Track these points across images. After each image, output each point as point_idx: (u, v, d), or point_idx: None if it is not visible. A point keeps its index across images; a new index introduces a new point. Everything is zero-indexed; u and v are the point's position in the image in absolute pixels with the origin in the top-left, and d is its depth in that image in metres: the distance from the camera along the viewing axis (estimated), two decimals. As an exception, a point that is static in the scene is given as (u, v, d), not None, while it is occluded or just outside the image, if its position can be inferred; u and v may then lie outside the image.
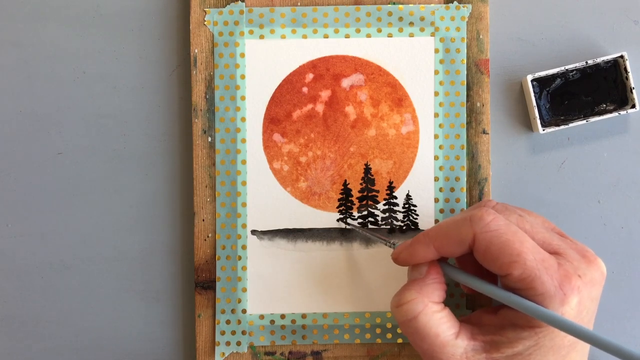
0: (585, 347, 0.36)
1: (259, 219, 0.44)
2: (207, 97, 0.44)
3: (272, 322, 0.44)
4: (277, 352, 0.44)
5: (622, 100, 0.44)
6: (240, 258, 0.44)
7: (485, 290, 0.36)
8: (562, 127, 0.43)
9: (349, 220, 0.44)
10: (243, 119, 0.44)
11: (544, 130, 0.43)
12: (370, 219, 0.44)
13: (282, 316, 0.44)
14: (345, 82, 0.44)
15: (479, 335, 0.36)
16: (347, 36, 0.44)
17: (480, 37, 0.44)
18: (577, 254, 0.36)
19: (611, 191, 0.45)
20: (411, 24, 0.44)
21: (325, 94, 0.44)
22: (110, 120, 0.45)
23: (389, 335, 0.44)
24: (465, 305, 0.44)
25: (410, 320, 0.36)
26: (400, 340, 0.44)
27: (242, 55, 0.44)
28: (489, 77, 0.44)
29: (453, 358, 0.35)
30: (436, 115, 0.44)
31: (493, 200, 0.39)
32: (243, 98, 0.44)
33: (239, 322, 0.44)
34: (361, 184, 0.44)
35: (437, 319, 0.36)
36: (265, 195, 0.44)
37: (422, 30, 0.44)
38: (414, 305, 0.36)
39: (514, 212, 0.37)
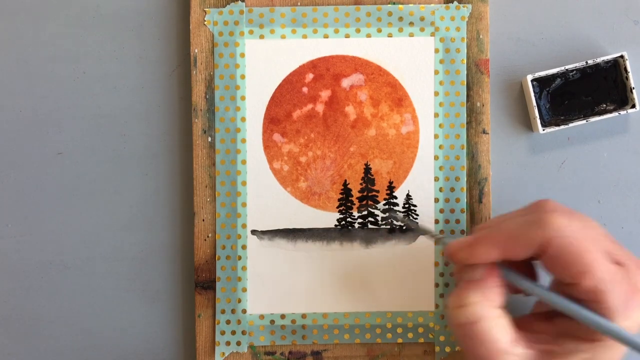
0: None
1: (259, 219, 0.44)
2: (207, 97, 0.44)
3: (272, 322, 0.44)
4: (277, 352, 0.44)
5: (622, 100, 0.44)
6: (240, 258, 0.44)
7: (551, 300, 0.34)
8: (562, 127, 0.43)
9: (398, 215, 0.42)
10: (243, 119, 0.44)
11: (544, 130, 0.43)
12: (370, 218, 0.44)
13: (282, 316, 0.44)
14: (345, 82, 0.44)
15: (534, 343, 0.35)
16: (347, 36, 0.44)
17: (480, 37, 0.44)
18: (636, 266, 0.35)
19: (611, 191, 0.45)
20: (411, 24, 0.44)
21: (325, 94, 0.44)
22: (110, 120, 0.45)
23: (389, 335, 0.44)
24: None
25: (472, 324, 0.34)
26: (400, 340, 0.44)
27: (242, 55, 0.44)
28: (489, 77, 0.44)
29: None
30: (436, 115, 0.44)
31: (552, 201, 0.37)
32: (243, 98, 0.44)
33: (239, 322, 0.44)
34: (361, 184, 0.44)
35: (498, 325, 0.34)
36: (265, 195, 0.44)
37: (422, 30, 0.44)
38: (477, 308, 0.34)
39: (578, 218, 0.36)
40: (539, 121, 0.43)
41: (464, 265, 0.37)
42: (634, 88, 0.43)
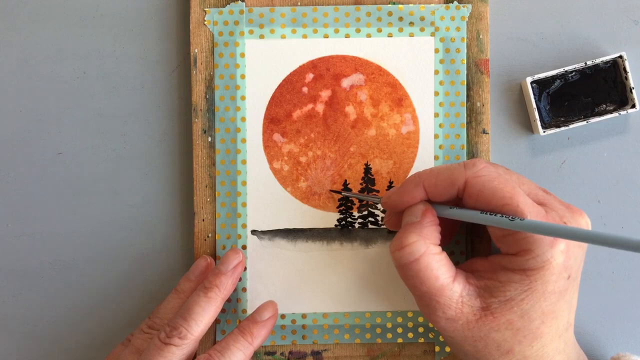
0: (573, 295, 0.37)
1: (259, 219, 0.44)
2: (207, 97, 0.44)
3: (272, 322, 0.44)
4: (277, 352, 0.44)
5: (622, 100, 0.44)
6: (240, 258, 0.44)
7: (479, 218, 0.36)
8: (562, 128, 0.43)
9: (342, 192, 0.44)
10: (243, 119, 0.44)
11: (544, 132, 0.43)
12: (370, 218, 0.44)
13: (282, 316, 0.44)
14: (345, 82, 0.44)
15: (472, 279, 0.37)
16: (347, 36, 0.44)
17: (480, 37, 0.44)
18: (561, 205, 0.37)
19: (611, 191, 0.45)
20: (411, 23, 0.44)
21: (325, 94, 0.44)
22: (110, 120, 0.45)
23: (389, 335, 0.44)
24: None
25: (412, 263, 0.36)
26: (400, 340, 0.44)
27: (242, 55, 0.44)
28: (489, 77, 0.44)
29: (450, 301, 0.36)
30: (436, 115, 0.44)
31: (483, 159, 0.40)
32: (243, 98, 0.44)
33: (239, 322, 0.44)
34: (361, 184, 0.44)
35: (437, 261, 0.36)
36: (265, 195, 0.44)
37: (422, 30, 0.44)
38: (416, 247, 0.36)
39: (502, 167, 0.38)
40: (539, 123, 0.43)
41: (399, 210, 0.39)
42: (633, 88, 0.43)
